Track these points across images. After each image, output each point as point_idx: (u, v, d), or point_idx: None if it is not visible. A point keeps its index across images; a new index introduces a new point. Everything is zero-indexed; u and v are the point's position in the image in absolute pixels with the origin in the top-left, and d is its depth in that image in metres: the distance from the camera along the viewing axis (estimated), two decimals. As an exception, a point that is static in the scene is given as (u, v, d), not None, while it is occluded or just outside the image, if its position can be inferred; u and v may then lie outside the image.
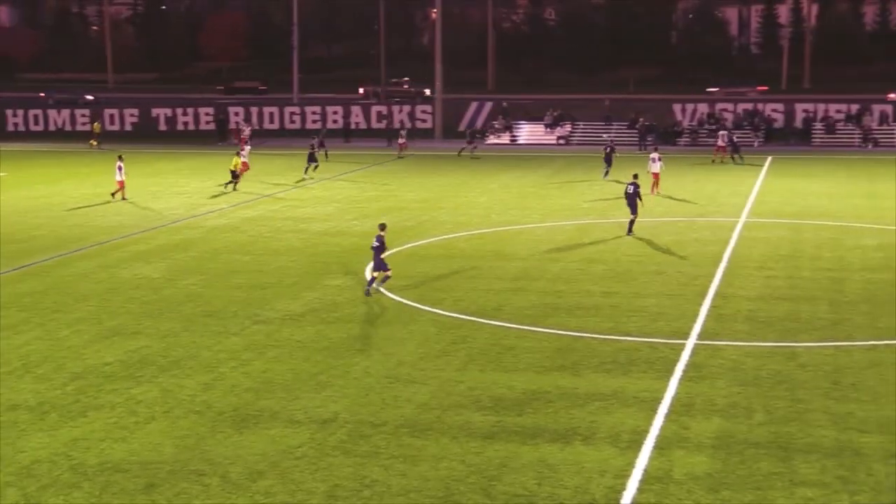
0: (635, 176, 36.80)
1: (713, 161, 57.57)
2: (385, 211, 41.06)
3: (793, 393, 19.21)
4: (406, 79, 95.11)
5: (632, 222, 35.65)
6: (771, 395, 19.16)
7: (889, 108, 70.12)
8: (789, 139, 69.07)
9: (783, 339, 22.84)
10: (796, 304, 25.83)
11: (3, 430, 17.58)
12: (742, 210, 40.84)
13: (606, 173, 50.36)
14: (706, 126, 70.02)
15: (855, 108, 70.32)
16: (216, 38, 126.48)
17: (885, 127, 68.44)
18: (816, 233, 35.71)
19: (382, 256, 26.79)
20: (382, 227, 27.32)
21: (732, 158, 57.99)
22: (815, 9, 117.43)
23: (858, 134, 67.71)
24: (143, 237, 35.91)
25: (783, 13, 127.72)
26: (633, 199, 35.50)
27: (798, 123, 70.82)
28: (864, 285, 27.83)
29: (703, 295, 26.82)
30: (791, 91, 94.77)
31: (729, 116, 71.35)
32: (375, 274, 27.18)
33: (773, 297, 26.54)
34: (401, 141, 63.65)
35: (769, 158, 59.53)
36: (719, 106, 72.67)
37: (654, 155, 46.18)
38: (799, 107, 71.96)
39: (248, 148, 55.08)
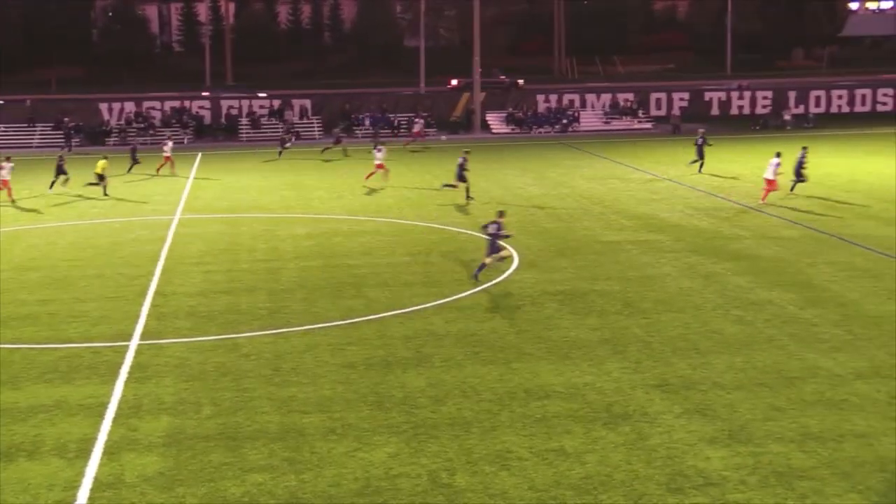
0: (466, 152, 42.07)
1: (406, 146, 60.83)
2: None
3: (238, 383, 19.69)
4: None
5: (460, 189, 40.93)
6: (217, 387, 19.50)
7: (308, 103, 73.74)
8: (217, 135, 70.48)
9: (226, 331, 23.31)
10: (236, 297, 26.45)
11: None
12: (176, 207, 41.03)
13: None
14: (134, 125, 69.50)
15: (277, 103, 73.20)
16: None
17: (305, 121, 71.86)
18: (251, 225, 36.78)
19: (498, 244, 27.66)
20: (501, 214, 28.16)
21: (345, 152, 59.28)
22: (232, 7, 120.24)
23: (282, 128, 70.54)
24: None
25: (203, 11, 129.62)
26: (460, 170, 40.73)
27: (224, 119, 72.41)
28: (298, 273, 29.11)
29: (143, 295, 26.64)
30: (216, 89, 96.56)
31: (157, 114, 71.32)
32: (487, 260, 27.55)
33: (214, 292, 26.99)
34: None
35: (199, 155, 60.27)
36: (147, 104, 72.30)
37: (380, 148, 46.65)
38: (225, 103, 73.58)
39: None
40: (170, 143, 53.40)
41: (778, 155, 40.07)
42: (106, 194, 43.99)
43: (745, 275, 27.86)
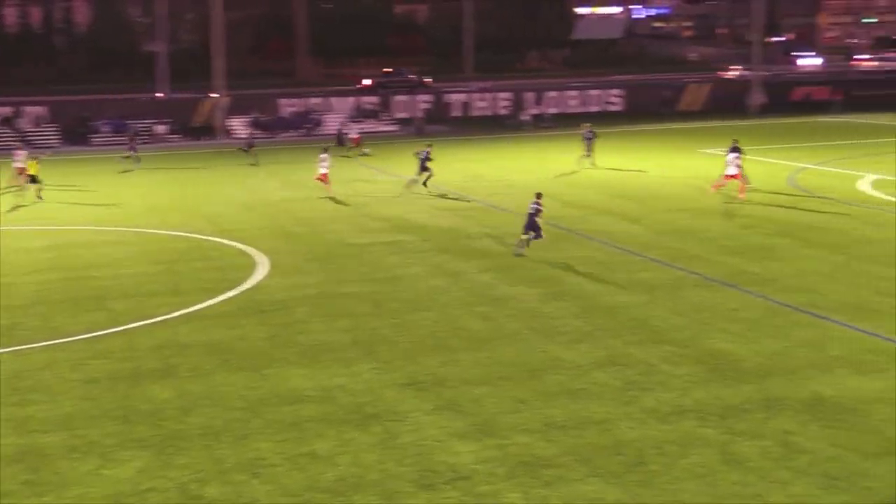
0: (429, 145, 45.05)
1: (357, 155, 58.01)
2: None
3: (-29, 405, 18.72)
4: None
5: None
6: (-52, 411, 18.48)
7: (43, 110, 70.82)
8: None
9: (-44, 351, 22.11)
10: (-33, 315, 25.14)
11: None
12: None
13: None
14: None
15: (9, 110, 69.97)
16: None
17: (40, 128, 68.98)
18: (-19, 239, 35.00)
19: (537, 220, 30.09)
20: (539, 195, 30.70)
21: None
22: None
23: (14, 136, 67.44)
24: None
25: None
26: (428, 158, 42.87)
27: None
28: (35, 287, 27.90)
29: None
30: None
31: None
32: (525, 236, 30.33)
33: (-58, 310, 25.56)
34: None
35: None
36: None
37: (323, 155, 43.77)
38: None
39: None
40: (22, 153, 46.37)
41: (734, 150, 40.85)
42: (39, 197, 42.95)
43: (490, 272, 28.62)
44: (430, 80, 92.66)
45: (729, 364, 20.34)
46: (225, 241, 33.72)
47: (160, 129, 70.34)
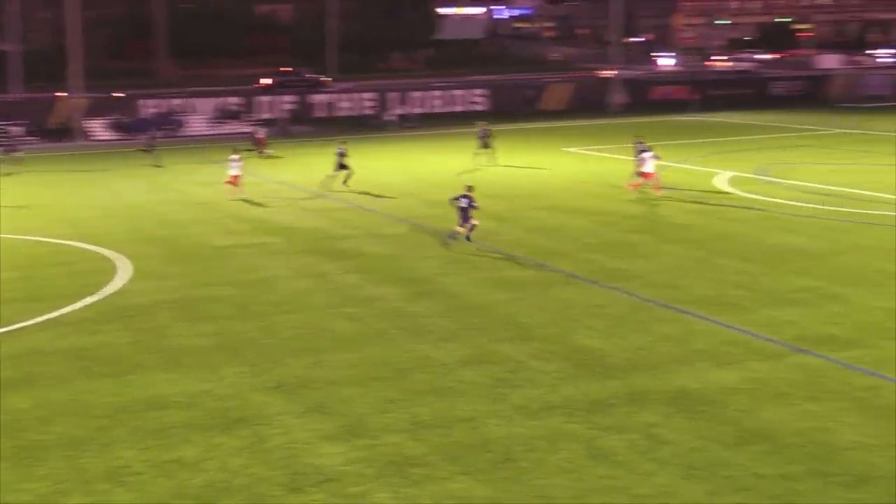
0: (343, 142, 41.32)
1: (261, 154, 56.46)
2: None
3: None
4: None
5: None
6: None
7: None
8: None
9: None
10: None
11: None
12: None
13: None
14: None
15: None
16: None
17: None
18: None
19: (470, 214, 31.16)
20: (470, 188, 31.85)
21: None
22: None
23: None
24: None
25: None
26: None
27: None
28: None
29: None
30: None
31: None
32: (459, 228, 31.28)
33: None
34: None
35: None
36: None
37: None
38: None
39: None
40: None
41: (645, 149, 40.79)
42: None
43: (356, 272, 28.55)
44: (330, 79, 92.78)
45: (595, 360, 20.68)
46: (86, 246, 32.91)
47: (15, 130, 68.18)
